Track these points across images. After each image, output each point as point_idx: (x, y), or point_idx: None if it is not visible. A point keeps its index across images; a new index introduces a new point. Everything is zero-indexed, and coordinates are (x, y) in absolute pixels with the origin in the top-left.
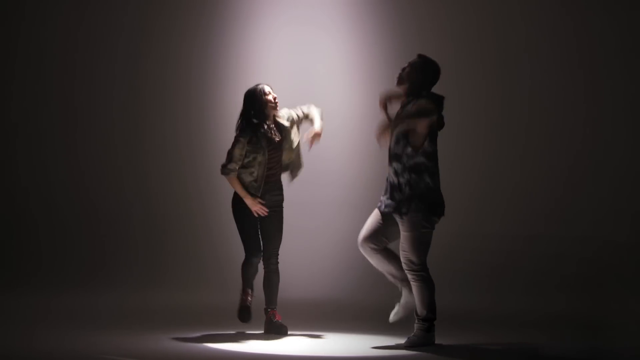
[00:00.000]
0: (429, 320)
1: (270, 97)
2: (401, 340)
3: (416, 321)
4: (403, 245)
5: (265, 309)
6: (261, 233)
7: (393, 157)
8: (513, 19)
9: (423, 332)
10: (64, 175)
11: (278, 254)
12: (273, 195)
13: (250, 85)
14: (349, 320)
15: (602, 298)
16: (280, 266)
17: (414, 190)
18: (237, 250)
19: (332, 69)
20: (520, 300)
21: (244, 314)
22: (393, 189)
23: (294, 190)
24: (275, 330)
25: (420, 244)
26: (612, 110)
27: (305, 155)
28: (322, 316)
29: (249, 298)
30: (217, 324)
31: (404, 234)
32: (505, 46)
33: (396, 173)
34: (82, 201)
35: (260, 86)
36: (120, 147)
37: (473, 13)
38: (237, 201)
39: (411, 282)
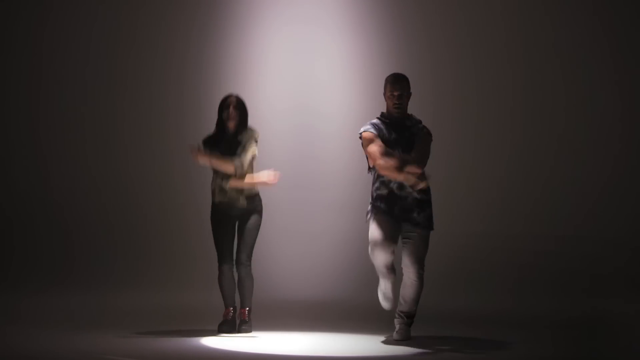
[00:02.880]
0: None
1: (226, 112)
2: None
3: (404, 318)
4: (420, 249)
5: (240, 308)
6: (237, 239)
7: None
8: (519, 17)
9: (409, 327)
10: (45, 174)
11: (250, 256)
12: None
13: (246, 85)
14: (350, 321)
15: (623, 302)
16: (280, 268)
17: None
18: None
19: (332, 69)
20: (543, 301)
21: (222, 327)
22: (423, 204)
23: (293, 193)
24: (239, 329)
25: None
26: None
27: (305, 156)
28: (323, 317)
29: (230, 314)
30: (215, 323)
31: (423, 240)
32: (511, 44)
33: (425, 191)
34: (64, 201)
35: (227, 100)
36: (103, 145)
37: (475, 12)
38: (211, 208)
39: (415, 281)
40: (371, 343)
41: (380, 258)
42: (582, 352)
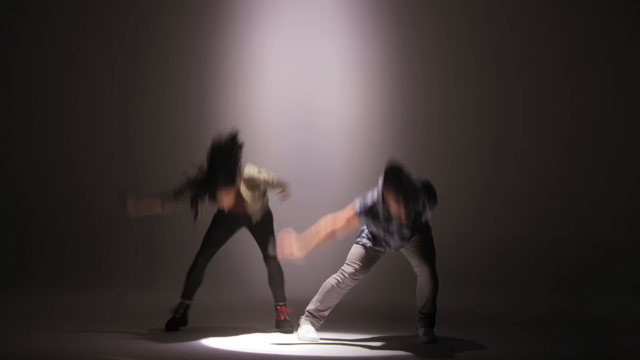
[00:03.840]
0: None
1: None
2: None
3: (426, 319)
4: (424, 250)
5: (275, 306)
6: (256, 240)
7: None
8: (513, 18)
9: (433, 328)
10: (61, 174)
11: (276, 256)
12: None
13: (246, 85)
14: (349, 320)
15: (591, 298)
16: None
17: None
18: (232, 250)
19: (331, 69)
20: (513, 300)
21: (170, 324)
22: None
23: (293, 191)
24: (279, 329)
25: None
26: (605, 110)
27: (305, 155)
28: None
29: (180, 310)
30: (216, 323)
31: (423, 242)
32: (506, 45)
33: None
34: (79, 201)
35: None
36: (117, 147)
37: (472, 12)
38: (220, 210)
39: (429, 279)
40: (371, 343)
41: (333, 298)
42: (558, 350)
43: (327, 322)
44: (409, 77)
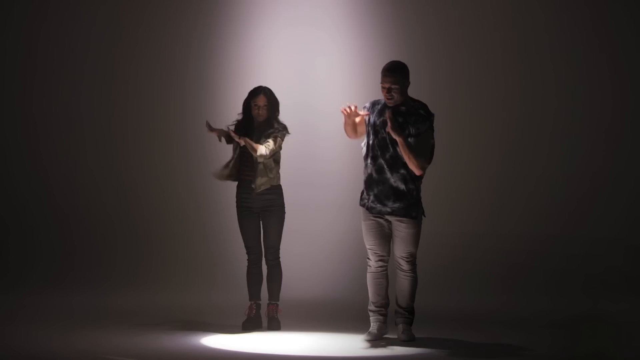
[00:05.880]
0: (414, 312)
1: (255, 112)
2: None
3: (403, 314)
4: (406, 243)
5: (267, 304)
6: (263, 235)
7: (402, 165)
8: (515, 16)
9: (410, 325)
10: (64, 175)
11: (277, 251)
12: (263, 196)
13: (246, 85)
14: (349, 320)
15: (616, 300)
16: (281, 266)
17: (418, 195)
18: (229, 248)
19: (331, 69)
20: (536, 301)
21: (246, 325)
22: (400, 194)
23: (293, 192)
24: (268, 326)
25: (419, 239)
26: (638, 110)
27: (304, 156)
28: (322, 316)
29: (253, 310)
30: (215, 323)
31: (409, 232)
32: (506, 44)
33: (404, 180)
34: (64, 200)
35: (255, 96)
36: (103, 144)
37: (474, 10)
38: (236, 204)
39: (407, 275)
40: (370, 343)
41: (375, 286)
42: (579, 351)
43: (326, 322)
44: (410, 77)
